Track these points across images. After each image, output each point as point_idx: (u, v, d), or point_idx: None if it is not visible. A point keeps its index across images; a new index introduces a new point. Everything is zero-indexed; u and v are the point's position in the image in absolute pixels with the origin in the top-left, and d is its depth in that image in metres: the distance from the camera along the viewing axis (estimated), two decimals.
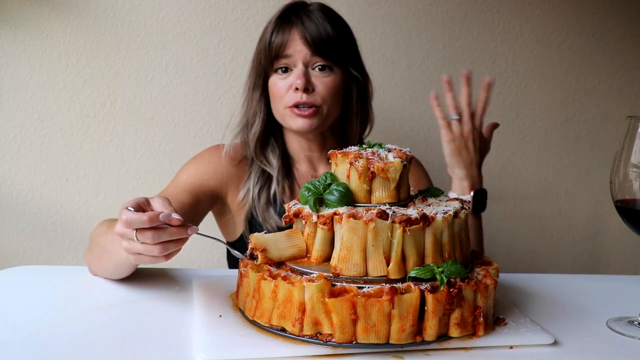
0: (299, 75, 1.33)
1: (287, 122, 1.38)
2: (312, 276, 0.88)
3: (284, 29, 1.36)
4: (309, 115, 1.35)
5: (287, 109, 1.36)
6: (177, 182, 1.40)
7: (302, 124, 1.36)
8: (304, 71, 1.34)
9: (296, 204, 0.99)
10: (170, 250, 0.91)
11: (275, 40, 1.36)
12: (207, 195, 1.40)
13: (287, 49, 1.35)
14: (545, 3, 2.03)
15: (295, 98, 1.34)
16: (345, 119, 1.45)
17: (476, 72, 2.02)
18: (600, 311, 1.08)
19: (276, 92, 1.37)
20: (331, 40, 1.35)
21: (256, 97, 1.41)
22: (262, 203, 1.40)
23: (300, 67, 1.34)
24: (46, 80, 1.81)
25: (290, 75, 1.35)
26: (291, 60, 1.35)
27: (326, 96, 1.36)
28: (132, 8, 1.82)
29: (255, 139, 1.41)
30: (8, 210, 1.83)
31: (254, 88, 1.42)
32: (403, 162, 0.96)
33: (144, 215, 0.87)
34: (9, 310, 0.98)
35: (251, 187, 1.41)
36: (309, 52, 1.34)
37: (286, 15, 1.38)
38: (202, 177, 1.41)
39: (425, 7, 1.96)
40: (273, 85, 1.38)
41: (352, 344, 0.86)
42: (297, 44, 1.34)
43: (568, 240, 2.16)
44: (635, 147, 0.98)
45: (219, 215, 1.50)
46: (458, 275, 0.90)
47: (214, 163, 1.43)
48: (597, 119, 2.11)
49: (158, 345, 0.88)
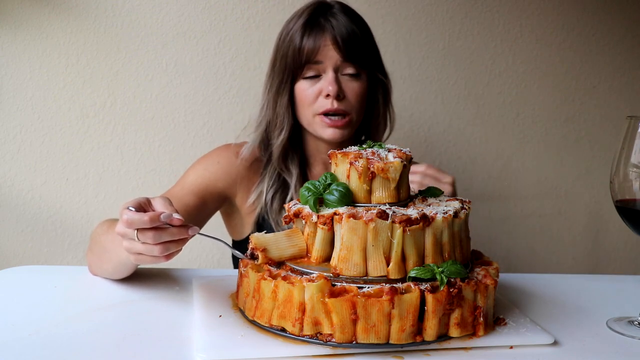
0: (331, 82, 1.30)
1: (315, 129, 1.35)
2: (312, 276, 0.88)
3: (315, 33, 1.32)
4: (342, 126, 1.33)
5: (317, 116, 1.33)
6: (184, 182, 1.38)
7: (333, 134, 1.33)
8: (335, 77, 1.31)
9: (296, 204, 0.99)
10: (171, 250, 0.91)
11: (306, 44, 1.31)
12: (214, 197, 1.39)
13: (318, 54, 1.31)
14: (545, 3, 2.03)
15: (326, 105, 1.31)
16: (370, 123, 1.43)
17: (476, 72, 2.02)
18: (600, 311, 1.08)
19: (304, 98, 1.34)
20: (360, 45, 1.33)
21: (283, 102, 1.36)
22: (275, 207, 1.38)
23: (331, 74, 1.31)
24: (46, 80, 1.81)
25: (320, 81, 1.32)
26: (322, 67, 1.32)
27: (355, 103, 1.34)
28: (132, 8, 1.82)
29: (282, 146, 1.38)
30: (8, 210, 1.83)
31: (279, 93, 1.36)
32: (403, 162, 0.96)
33: (145, 215, 0.87)
34: (9, 310, 0.98)
35: (264, 191, 1.38)
36: (339, 58, 1.31)
37: (314, 18, 1.34)
38: (210, 178, 1.38)
39: (425, 7, 1.96)
40: (301, 90, 1.34)
41: (352, 344, 0.86)
42: (329, 49, 1.31)
43: (568, 240, 2.16)
44: (635, 147, 0.98)
45: (227, 215, 1.49)
46: (458, 275, 0.90)
47: (223, 163, 1.40)
48: (597, 119, 2.11)
49: (158, 345, 0.88)
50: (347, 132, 1.35)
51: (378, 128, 1.44)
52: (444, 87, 2.00)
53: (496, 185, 2.08)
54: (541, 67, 2.06)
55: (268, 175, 1.40)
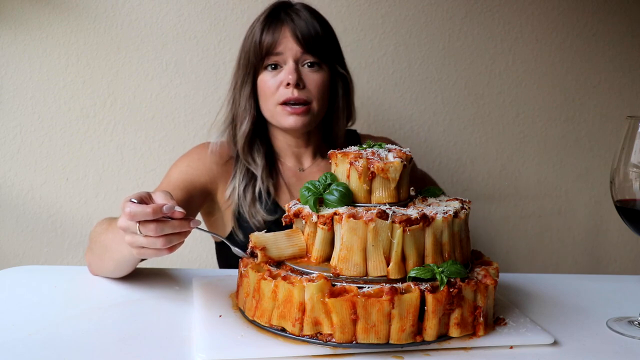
0: (291, 71, 1.34)
1: (277, 119, 1.38)
2: (312, 276, 0.88)
3: (274, 27, 1.36)
4: (301, 113, 1.36)
5: (279, 106, 1.36)
6: (169, 179, 1.41)
7: (294, 121, 1.36)
8: (295, 67, 1.35)
9: (296, 204, 0.99)
10: (174, 242, 0.91)
11: (265, 38, 1.36)
12: (199, 191, 1.41)
13: (278, 46, 1.35)
14: (545, 3, 2.03)
15: (286, 94, 1.35)
16: (332, 116, 1.46)
17: (476, 72, 2.02)
18: (600, 311, 1.08)
19: (266, 89, 1.37)
20: (320, 37, 1.37)
21: (245, 94, 1.41)
22: (248, 200, 1.41)
23: (291, 63, 1.35)
24: (46, 80, 1.81)
25: (281, 72, 1.36)
26: (282, 58, 1.36)
27: (316, 93, 1.37)
28: (132, 8, 1.82)
29: (244, 137, 1.41)
30: (8, 210, 1.83)
31: (242, 85, 1.41)
32: (403, 162, 0.96)
33: (148, 207, 0.87)
34: (9, 310, 0.98)
35: (237, 186, 1.42)
36: (299, 49, 1.35)
37: (275, 14, 1.39)
38: (194, 173, 1.41)
39: (425, 7, 1.96)
40: (263, 82, 1.38)
41: (352, 344, 0.86)
42: (288, 41, 1.35)
43: (568, 240, 2.16)
44: (635, 147, 0.98)
45: (208, 215, 1.50)
46: (458, 275, 0.90)
47: (203, 160, 1.43)
48: (597, 119, 2.11)
49: (158, 345, 0.88)
50: (309, 120, 1.38)
51: (338, 120, 1.47)
52: (444, 87, 2.00)
53: (496, 185, 2.08)
54: (541, 67, 2.06)
55: (239, 170, 1.43)
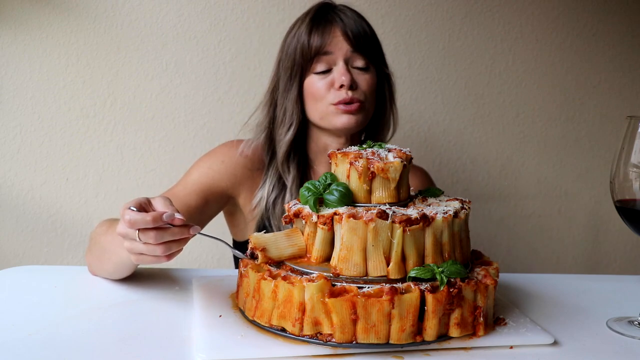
0: (344, 72, 1.30)
1: (329, 119, 1.33)
2: (312, 276, 0.88)
3: (323, 27, 1.32)
4: (355, 111, 1.31)
5: (332, 105, 1.31)
6: (187, 181, 1.36)
7: (348, 120, 1.31)
8: (346, 68, 1.31)
9: (296, 204, 0.99)
10: (173, 250, 0.91)
11: (314, 38, 1.31)
12: (217, 196, 1.37)
13: (328, 46, 1.31)
14: (545, 3, 2.03)
15: (340, 96, 1.30)
16: (379, 120, 1.42)
17: (476, 72, 2.02)
18: (600, 311, 1.08)
19: (315, 91, 1.32)
20: (368, 37, 1.34)
21: (292, 98, 1.34)
22: (277, 212, 1.36)
23: (342, 64, 1.31)
24: (46, 80, 1.81)
25: (332, 74, 1.31)
26: (332, 58, 1.31)
27: (368, 93, 1.33)
28: (132, 8, 1.82)
29: (289, 143, 1.36)
30: (8, 210, 1.83)
31: (287, 89, 1.35)
32: (403, 162, 0.96)
33: (148, 215, 0.87)
34: (9, 310, 0.98)
35: (265, 196, 1.37)
36: (350, 49, 1.31)
37: (321, 14, 1.34)
38: (214, 177, 1.36)
39: (425, 7, 1.96)
40: (311, 85, 1.33)
41: (352, 344, 0.86)
42: (338, 40, 1.31)
43: (568, 240, 2.16)
44: (635, 147, 0.98)
45: (230, 215, 1.47)
46: (458, 275, 0.90)
47: (228, 163, 1.38)
48: (597, 119, 2.11)
49: (158, 345, 0.88)
50: (362, 118, 1.34)
51: (384, 128, 1.43)
52: (444, 87, 2.00)
53: (496, 185, 2.08)
54: (541, 67, 2.06)
55: (269, 179, 1.38)
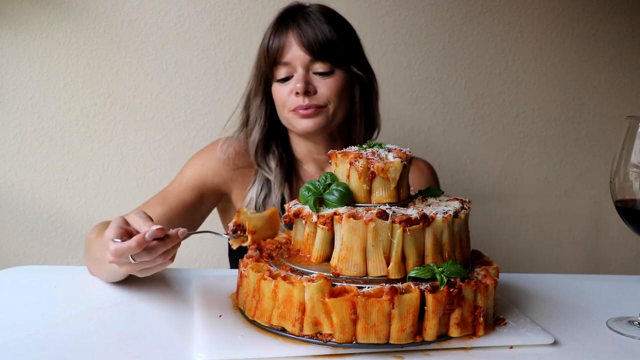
0: (299, 79, 1.31)
1: (293, 125, 1.36)
2: (312, 276, 0.88)
3: (281, 33, 1.33)
4: (313, 115, 1.32)
5: (291, 112, 1.34)
6: (181, 178, 1.39)
7: (307, 124, 1.33)
8: (303, 75, 1.31)
9: (296, 204, 0.99)
10: (171, 254, 0.91)
11: (272, 45, 1.33)
12: (211, 192, 1.39)
13: (285, 55, 1.32)
14: (545, 3, 2.03)
15: (297, 102, 1.32)
16: (349, 120, 1.42)
17: (476, 72, 2.02)
18: (600, 311, 1.08)
19: (278, 98, 1.35)
20: (329, 42, 1.32)
21: (256, 103, 1.39)
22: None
23: (300, 71, 1.31)
24: (46, 80, 1.81)
25: (291, 81, 1.33)
26: (291, 67, 1.33)
27: (330, 96, 1.33)
28: (132, 8, 1.82)
29: (255, 146, 1.40)
30: (8, 210, 1.83)
31: (254, 95, 1.40)
32: (403, 162, 0.96)
33: (132, 241, 0.85)
34: (9, 310, 0.98)
35: (254, 197, 1.39)
36: (307, 57, 1.31)
37: (283, 20, 1.35)
38: (208, 173, 1.39)
39: (425, 7, 1.96)
40: (275, 92, 1.36)
41: (352, 344, 0.86)
42: (294, 49, 1.32)
43: (568, 240, 2.16)
44: (635, 147, 0.98)
45: (223, 211, 1.49)
46: (458, 275, 0.90)
47: (220, 158, 1.41)
48: (597, 119, 2.11)
49: (158, 345, 0.88)
50: (321, 120, 1.34)
51: (355, 125, 1.41)
52: (444, 87, 2.00)
53: (496, 185, 2.08)
54: (541, 67, 2.06)
55: (258, 179, 1.41)
